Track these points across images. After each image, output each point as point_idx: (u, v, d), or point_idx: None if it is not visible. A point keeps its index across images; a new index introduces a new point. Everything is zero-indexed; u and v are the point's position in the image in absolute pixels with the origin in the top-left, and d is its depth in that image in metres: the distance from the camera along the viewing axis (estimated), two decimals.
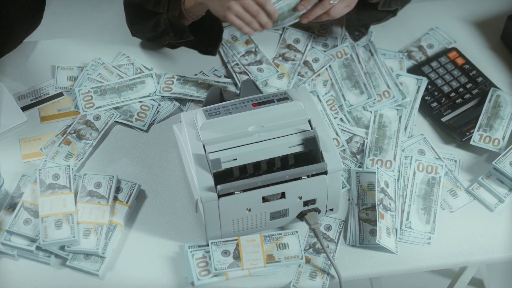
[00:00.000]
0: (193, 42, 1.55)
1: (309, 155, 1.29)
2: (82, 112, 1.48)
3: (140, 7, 1.52)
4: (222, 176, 1.26)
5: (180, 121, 1.34)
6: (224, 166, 1.26)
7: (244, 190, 1.24)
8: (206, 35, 1.56)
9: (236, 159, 1.26)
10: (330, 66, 1.58)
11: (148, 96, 1.52)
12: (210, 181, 1.23)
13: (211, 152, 1.26)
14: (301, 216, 1.31)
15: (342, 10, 1.46)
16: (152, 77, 1.54)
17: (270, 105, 1.31)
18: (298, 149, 1.28)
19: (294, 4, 1.40)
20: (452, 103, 1.53)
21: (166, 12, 1.48)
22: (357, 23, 1.60)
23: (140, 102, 1.51)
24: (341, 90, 1.54)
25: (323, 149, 1.26)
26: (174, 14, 1.48)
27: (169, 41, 1.54)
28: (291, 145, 1.28)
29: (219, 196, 1.23)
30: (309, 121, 1.30)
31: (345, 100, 1.53)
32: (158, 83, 1.54)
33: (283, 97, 1.33)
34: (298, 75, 1.57)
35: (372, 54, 1.60)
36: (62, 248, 1.29)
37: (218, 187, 1.22)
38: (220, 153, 1.26)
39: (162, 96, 1.52)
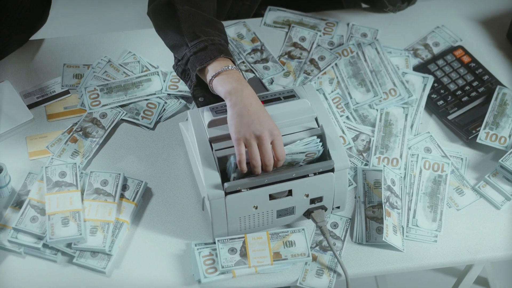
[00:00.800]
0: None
1: None
2: (88, 110, 1.49)
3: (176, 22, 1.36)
4: None
5: (187, 119, 1.34)
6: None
7: (251, 188, 1.24)
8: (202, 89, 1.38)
9: None
10: (336, 64, 1.58)
11: (154, 94, 1.52)
12: (217, 179, 1.23)
13: (218, 150, 1.25)
14: (307, 214, 1.31)
15: None
16: (158, 75, 1.54)
17: (276, 102, 1.30)
18: None
19: (298, 159, 1.26)
20: (458, 101, 1.53)
21: (192, 55, 1.32)
22: None
23: (146, 100, 1.51)
24: (347, 88, 1.54)
25: (330, 147, 1.26)
26: (195, 66, 1.31)
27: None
28: None
29: (226, 194, 1.23)
30: (316, 119, 1.30)
31: (351, 98, 1.52)
32: (164, 81, 1.54)
33: (289, 95, 1.32)
34: (304, 73, 1.57)
35: (378, 52, 1.60)
36: (68, 245, 1.29)
37: (225, 184, 1.22)
38: (227, 151, 1.25)
39: (168, 94, 1.52)
